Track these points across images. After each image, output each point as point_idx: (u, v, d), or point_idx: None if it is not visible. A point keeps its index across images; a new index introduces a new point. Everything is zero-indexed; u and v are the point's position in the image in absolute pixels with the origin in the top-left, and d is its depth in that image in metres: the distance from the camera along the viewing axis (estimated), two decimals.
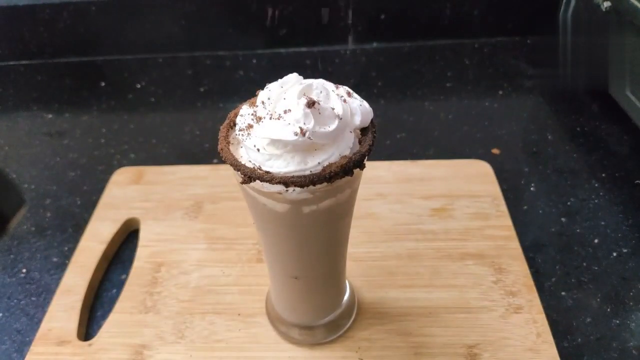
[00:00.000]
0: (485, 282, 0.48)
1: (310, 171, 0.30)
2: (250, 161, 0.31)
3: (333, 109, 0.31)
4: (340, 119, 0.30)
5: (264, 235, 0.38)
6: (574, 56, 0.69)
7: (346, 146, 0.31)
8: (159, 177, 0.60)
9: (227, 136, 0.33)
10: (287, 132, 0.29)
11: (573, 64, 0.70)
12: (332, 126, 0.30)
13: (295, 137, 0.29)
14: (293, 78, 0.32)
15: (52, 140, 0.71)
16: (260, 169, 0.30)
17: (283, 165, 0.30)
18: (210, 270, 0.50)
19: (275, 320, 0.45)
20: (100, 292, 0.51)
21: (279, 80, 0.32)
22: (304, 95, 0.31)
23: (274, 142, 0.29)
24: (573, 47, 0.69)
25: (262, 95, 0.32)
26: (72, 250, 0.53)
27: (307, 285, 0.40)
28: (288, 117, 0.30)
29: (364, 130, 0.33)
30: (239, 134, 0.32)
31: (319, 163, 0.30)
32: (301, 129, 0.29)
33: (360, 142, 0.32)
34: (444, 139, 0.67)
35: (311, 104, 0.30)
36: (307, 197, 0.32)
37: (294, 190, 0.30)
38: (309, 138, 0.29)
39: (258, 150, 0.30)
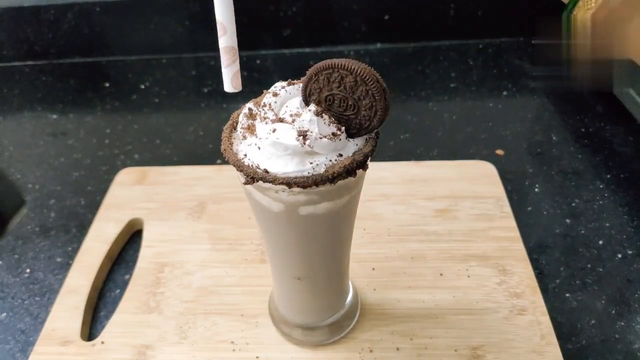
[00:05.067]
0: (489, 283, 0.48)
1: (309, 172, 0.29)
2: (249, 159, 0.30)
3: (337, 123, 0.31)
4: (343, 133, 0.30)
5: (267, 236, 0.38)
6: (578, 57, 0.69)
7: (348, 152, 0.31)
8: (162, 178, 0.60)
9: (230, 137, 0.33)
10: (290, 136, 0.29)
11: (577, 64, 0.69)
12: (335, 138, 0.30)
13: (297, 143, 0.29)
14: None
15: (56, 141, 0.71)
16: (258, 167, 0.30)
17: (282, 165, 0.30)
18: (213, 271, 0.50)
19: (278, 321, 0.45)
20: (104, 292, 0.51)
21: (289, 86, 0.32)
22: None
23: (275, 144, 0.29)
24: (577, 48, 0.69)
25: (268, 97, 0.32)
26: (75, 251, 0.53)
27: (310, 286, 0.40)
28: (293, 120, 0.30)
29: None
30: (241, 132, 0.32)
31: (317, 165, 0.30)
32: (304, 136, 0.29)
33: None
34: (448, 139, 0.67)
35: (320, 112, 0.30)
36: (310, 199, 0.31)
37: (296, 191, 0.30)
38: (309, 146, 0.29)
39: (259, 148, 0.30)
